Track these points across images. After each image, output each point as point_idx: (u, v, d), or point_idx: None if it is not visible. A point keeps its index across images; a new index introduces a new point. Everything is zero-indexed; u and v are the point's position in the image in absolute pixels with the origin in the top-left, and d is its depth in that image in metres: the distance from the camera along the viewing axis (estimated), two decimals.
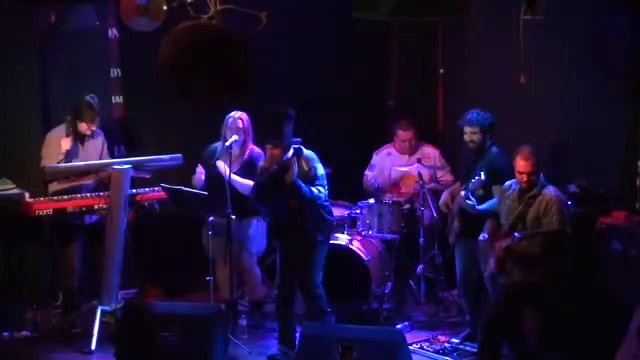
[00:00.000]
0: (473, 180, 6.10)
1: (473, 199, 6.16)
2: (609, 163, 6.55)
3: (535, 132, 6.71)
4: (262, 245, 7.16)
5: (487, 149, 6.46)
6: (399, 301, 7.48)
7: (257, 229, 7.04)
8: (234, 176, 6.66)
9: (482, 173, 6.06)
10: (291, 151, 6.29)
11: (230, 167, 6.64)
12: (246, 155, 6.90)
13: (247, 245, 6.99)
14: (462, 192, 6.23)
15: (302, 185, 6.17)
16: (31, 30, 7.23)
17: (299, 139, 6.37)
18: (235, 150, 6.76)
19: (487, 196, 6.25)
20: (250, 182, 6.72)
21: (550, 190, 5.71)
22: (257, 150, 6.92)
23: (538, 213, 5.65)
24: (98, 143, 7.04)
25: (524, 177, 5.76)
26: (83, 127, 6.82)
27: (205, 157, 6.96)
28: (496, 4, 7.11)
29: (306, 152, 6.40)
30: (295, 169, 6.20)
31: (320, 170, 6.36)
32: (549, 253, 5.63)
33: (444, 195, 6.84)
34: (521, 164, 5.77)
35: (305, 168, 6.31)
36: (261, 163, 6.50)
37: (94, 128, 6.87)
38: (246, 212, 6.86)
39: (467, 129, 6.47)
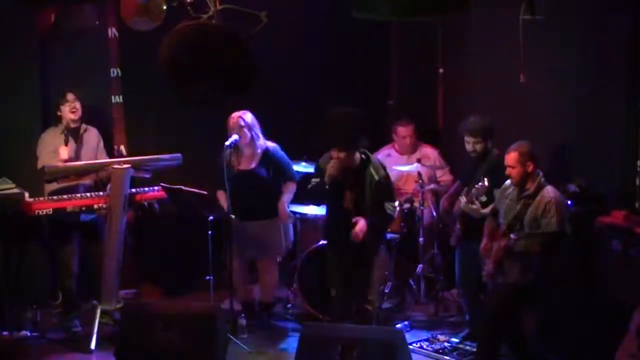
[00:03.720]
0: (477, 186, 6.09)
1: (477, 204, 6.15)
2: (609, 163, 6.55)
3: (535, 132, 6.71)
4: (287, 245, 7.10)
5: (489, 152, 6.45)
6: (399, 301, 7.48)
7: (281, 229, 6.98)
8: (284, 202, 6.81)
9: (485, 180, 6.04)
10: (358, 157, 6.11)
11: (239, 164, 6.72)
12: (259, 150, 6.87)
13: (270, 245, 6.96)
14: (463, 200, 6.22)
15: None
16: (31, 30, 7.24)
17: (364, 142, 6.17)
18: (247, 150, 6.77)
19: (490, 201, 6.24)
20: (292, 186, 6.88)
21: (549, 191, 5.69)
22: (271, 144, 6.91)
23: (536, 214, 5.64)
24: (92, 139, 7.05)
25: (508, 170, 5.76)
26: (65, 111, 6.83)
27: (221, 158, 6.83)
28: (496, 4, 7.11)
29: (373, 157, 6.25)
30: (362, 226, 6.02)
31: (390, 177, 6.26)
32: (548, 253, 5.62)
33: (443, 204, 6.83)
34: (505, 157, 5.79)
35: (376, 176, 6.11)
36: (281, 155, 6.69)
37: (77, 107, 6.88)
38: (271, 212, 6.87)
39: (469, 139, 6.42)
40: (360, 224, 6.03)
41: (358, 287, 6.22)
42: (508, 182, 5.94)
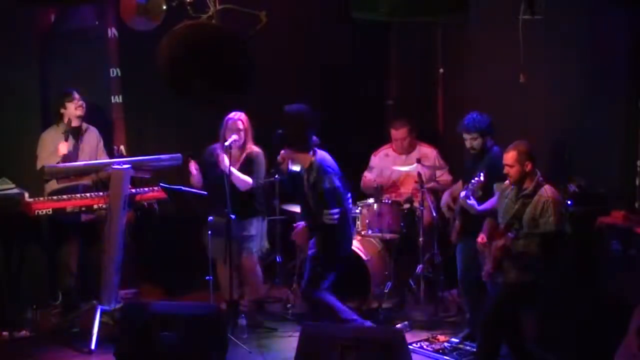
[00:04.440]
0: (472, 182, 6.10)
1: (473, 200, 6.16)
2: (609, 163, 6.55)
3: (535, 132, 6.71)
4: (263, 244, 7.13)
5: (489, 149, 6.45)
6: (398, 301, 7.48)
7: (257, 228, 7.02)
8: (234, 170, 6.68)
9: (481, 174, 6.06)
10: (308, 156, 6.27)
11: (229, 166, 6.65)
12: (244, 155, 6.90)
13: (248, 244, 6.98)
14: (463, 193, 6.23)
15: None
16: (31, 30, 7.24)
17: (317, 140, 6.30)
18: (235, 151, 6.77)
19: (487, 197, 6.25)
20: (249, 179, 6.73)
21: (546, 190, 5.69)
22: (256, 149, 6.92)
23: (534, 214, 5.64)
24: (92, 138, 7.07)
25: (506, 169, 5.77)
26: (71, 108, 6.85)
27: (204, 158, 6.96)
28: (496, 4, 7.11)
29: (320, 157, 6.33)
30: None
31: (328, 184, 6.25)
32: (547, 253, 5.62)
33: (445, 197, 6.83)
34: (504, 156, 5.79)
35: (311, 179, 6.27)
36: (260, 158, 6.80)
37: (83, 105, 6.90)
38: (247, 212, 6.87)
39: (465, 136, 6.44)
40: (297, 229, 6.47)
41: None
42: (507, 182, 5.94)
